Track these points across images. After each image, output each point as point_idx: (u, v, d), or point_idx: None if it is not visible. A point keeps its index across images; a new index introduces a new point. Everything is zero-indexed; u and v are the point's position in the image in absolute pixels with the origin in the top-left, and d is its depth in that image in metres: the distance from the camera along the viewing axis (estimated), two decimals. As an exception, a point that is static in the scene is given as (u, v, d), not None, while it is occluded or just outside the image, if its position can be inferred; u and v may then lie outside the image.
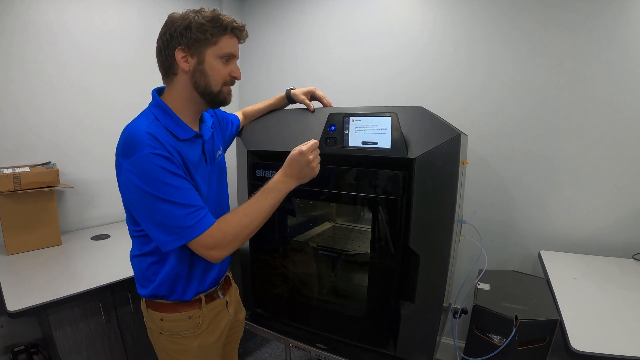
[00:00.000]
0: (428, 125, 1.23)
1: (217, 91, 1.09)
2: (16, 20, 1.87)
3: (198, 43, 1.02)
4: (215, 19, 1.03)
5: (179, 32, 1.01)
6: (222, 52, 1.06)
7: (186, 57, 1.03)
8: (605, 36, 1.79)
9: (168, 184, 0.95)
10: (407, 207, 1.25)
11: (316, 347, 1.50)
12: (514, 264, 2.15)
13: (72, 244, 2.00)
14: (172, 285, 1.13)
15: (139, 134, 0.96)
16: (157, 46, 1.07)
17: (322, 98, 1.51)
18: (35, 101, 1.97)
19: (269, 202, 1.07)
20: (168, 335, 1.17)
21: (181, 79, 1.07)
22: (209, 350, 1.23)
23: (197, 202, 1.00)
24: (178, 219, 0.96)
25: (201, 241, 0.98)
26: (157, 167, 0.94)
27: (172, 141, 1.02)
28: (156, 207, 0.95)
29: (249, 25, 2.92)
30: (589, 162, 1.92)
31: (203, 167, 1.14)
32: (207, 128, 1.20)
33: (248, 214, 1.04)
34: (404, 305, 1.34)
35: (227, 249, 1.02)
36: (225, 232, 1.00)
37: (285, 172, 1.10)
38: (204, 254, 1.01)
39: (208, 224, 0.99)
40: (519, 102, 2.03)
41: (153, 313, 1.17)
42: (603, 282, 1.61)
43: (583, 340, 1.20)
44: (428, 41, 2.23)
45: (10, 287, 1.48)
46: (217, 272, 1.23)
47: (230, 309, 1.30)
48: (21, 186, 1.77)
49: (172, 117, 1.06)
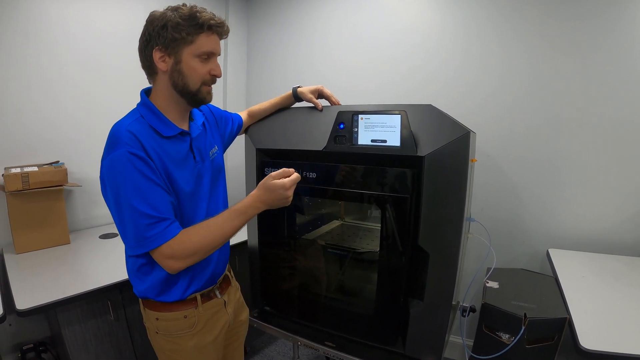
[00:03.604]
0: (437, 123, 1.22)
1: (196, 90, 1.08)
2: (18, 22, 1.87)
3: (174, 43, 1.01)
4: (191, 16, 1.00)
5: (156, 31, 1.01)
6: (200, 51, 1.04)
7: (164, 57, 1.03)
8: (619, 33, 1.79)
9: (138, 187, 0.95)
10: (417, 205, 1.25)
11: (324, 345, 1.50)
12: (522, 262, 2.14)
13: (80, 242, 2.00)
14: (162, 287, 1.12)
15: (120, 131, 0.98)
16: (138, 46, 1.07)
17: (330, 96, 1.50)
18: (39, 101, 1.98)
19: (235, 225, 1.06)
20: (164, 334, 1.17)
21: (161, 78, 1.07)
22: (205, 351, 1.22)
23: (162, 211, 0.99)
24: (140, 228, 0.96)
25: (160, 251, 0.99)
26: (131, 168, 0.95)
27: (153, 140, 1.02)
28: (124, 209, 0.96)
29: (255, 26, 2.93)
30: (598, 161, 1.91)
31: (191, 165, 1.13)
32: (197, 126, 1.20)
33: (212, 232, 1.03)
34: (412, 303, 1.34)
35: (184, 262, 1.01)
36: (185, 246, 1.00)
37: (260, 198, 1.08)
38: (161, 263, 1.01)
39: (168, 236, 0.98)
40: (527, 101, 2.02)
41: (149, 312, 1.17)
42: (612, 281, 1.61)
43: (592, 338, 1.19)
44: (437, 42, 2.22)
45: (19, 285, 1.49)
46: (213, 270, 1.21)
47: (228, 308, 1.29)
48: (30, 185, 1.77)
49: (156, 115, 1.07)
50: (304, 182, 1.41)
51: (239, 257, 2.12)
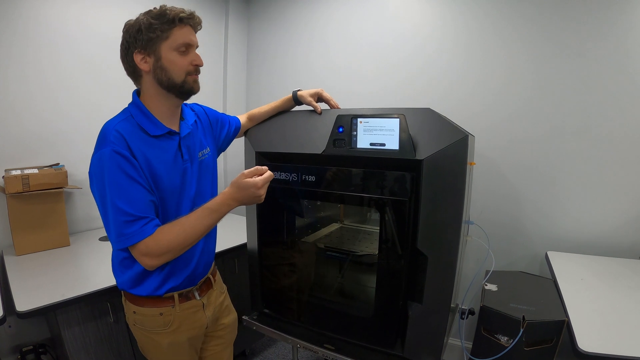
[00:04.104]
0: (436, 127, 1.23)
1: (181, 82, 1.11)
2: (18, 25, 1.88)
3: (151, 42, 1.06)
4: (161, 14, 1.05)
5: (133, 37, 1.06)
6: (176, 44, 1.08)
7: (144, 58, 1.07)
8: (618, 38, 1.80)
9: (120, 185, 1.01)
10: (415, 208, 1.25)
11: (324, 348, 1.50)
12: (521, 265, 2.15)
13: (80, 244, 2.01)
14: (137, 279, 1.17)
15: (108, 130, 1.04)
16: (120, 55, 1.12)
17: (329, 100, 1.51)
18: (39, 104, 1.99)
19: (208, 222, 1.09)
20: (140, 328, 1.22)
21: (146, 79, 1.11)
22: (180, 350, 1.25)
23: (141, 210, 1.03)
24: (119, 225, 1.01)
25: (136, 248, 1.04)
26: (115, 166, 1.00)
27: (140, 139, 1.07)
28: (107, 204, 1.02)
29: (255, 26, 2.94)
30: (596, 164, 1.92)
31: (179, 163, 1.17)
32: (187, 126, 1.23)
33: (185, 230, 1.06)
34: (411, 306, 1.34)
35: (159, 259, 1.06)
36: (160, 244, 1.04)
37: (232, 196, 1.10)
38: (138, 259, 1.06)
39: (145, 235, 1.02)
40: (528, 106, 2.04)
41: (129, 305, 1.22)
42: (611, 283, 1.61)
43: (590, 340, 1.20)
44: (438, 47, 2.23)
45: (19, 287, 1.49)
46: (192, 271, 1.24)
47: (207, 311, 1.31)
48: (30, 187, 1.78)
49: (145, 114, 1.11)
50: (303, 185, 1.42)
51: (238, 260, 2.12)
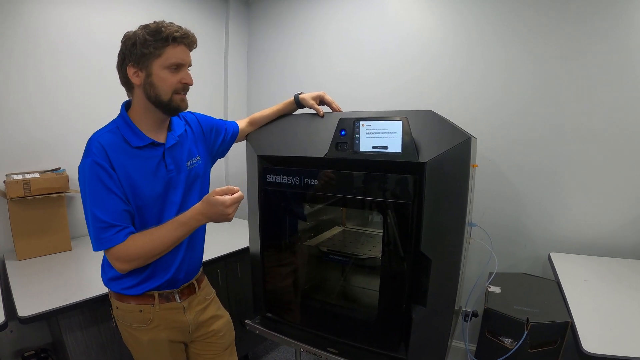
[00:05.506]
0: (438, 129, 1.23)
1: (168, 100, 1.15)
2: (18, 29, 1.89)
3: (144, 58, 1.10)
4: (157, 31, 1.08)
5: (128, 49, 1.10)
6: (168, 63, 1.11)
7: (137, 72, 1.12)
8: (619, 39, 1.80)
9: (97, 194, 1.08)
10: (418, 210, 1.25)
11: (327, 351, 1.49)
12: (524, 267, 2.14)
13: (82, 249, 2.00)
14: (120, 277, 1.22)
15: (92, 141, 1.11)
16: (116, 65, 1.16)
17: (331, 103, 1.51)
18: (41, 108, 2.00)
19: (177, 235, 1.15)
20: (122, 323, 1.28)
21: (137, 92, 1.16)
22: (160, 348, 1.29)
23: (114, 218, 1.10)
24: (96, 230, 1.09)
25: (109, 252, 1.12)
26: (94, 175, 1.08)
27: (122, 151, 1.13)
28: (87, 210, 1.10)
29: (256, 30, 2.94)
30: (599, 165, 1.92)
31: (162, 173, 1.21)
32: (173, 137, 1.26)
33: (154, 240, 1.13)
34: (415, 309, 1.34)
35: (129, 265, 1.14)
36: (129, 251, 1.11)
37: (201, 211, 1.13)
38: (110, 262, 1.14)
39: (116, 242, 1.09)
40: (530, 108, 2.04)
41: (113, 301, 1.28)
42: (614, 284, 1.61)
43: (595, 342, 1.19)
44: (439, 50, 2.24)
45: (21, 292, 1.49)
46: (172, 276, 1.26)
47: (188, 314, 1.32)
48: (31, 192, 1.78)
49: (129, 126, 1.16)
50: (305, 189, 1.41)
51: (240, 264, 2.12)
